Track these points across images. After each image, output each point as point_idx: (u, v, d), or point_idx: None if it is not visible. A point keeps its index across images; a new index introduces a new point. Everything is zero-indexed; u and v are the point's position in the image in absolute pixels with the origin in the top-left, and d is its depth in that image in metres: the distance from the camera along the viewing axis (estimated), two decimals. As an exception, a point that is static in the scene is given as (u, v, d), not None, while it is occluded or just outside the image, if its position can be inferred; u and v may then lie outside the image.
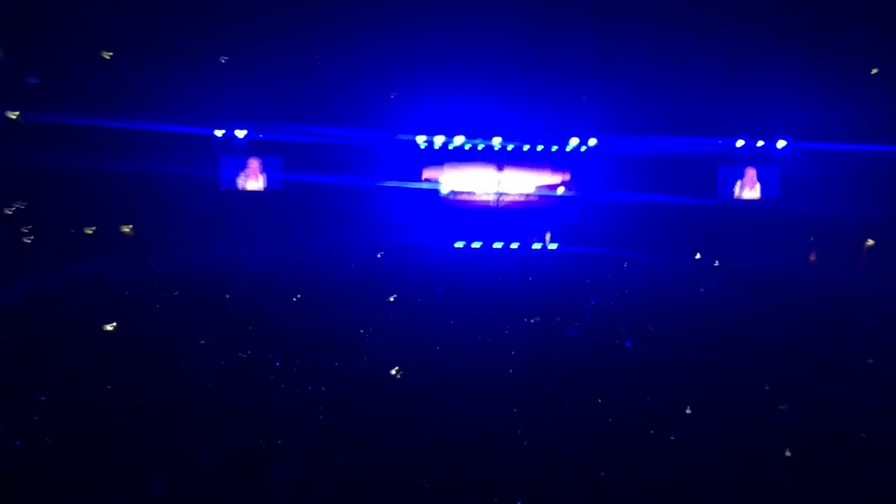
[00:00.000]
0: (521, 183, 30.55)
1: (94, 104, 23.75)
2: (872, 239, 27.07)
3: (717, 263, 24.32)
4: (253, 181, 28.35)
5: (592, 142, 28.68)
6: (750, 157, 28.42)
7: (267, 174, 28.42)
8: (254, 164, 28.29)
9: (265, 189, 28.34)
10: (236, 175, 28.27)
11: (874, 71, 23.25)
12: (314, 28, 22.02)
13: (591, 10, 21.50)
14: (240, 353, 13.04)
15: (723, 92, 25.02)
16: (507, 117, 27.62)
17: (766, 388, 11.48)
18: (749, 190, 28.48)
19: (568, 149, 29.64)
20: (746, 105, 25.97)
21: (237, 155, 28.38)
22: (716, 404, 10.54)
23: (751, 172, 28.48)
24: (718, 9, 20.59)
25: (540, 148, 29.70)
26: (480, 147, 29.48)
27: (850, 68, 23.13)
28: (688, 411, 10.21)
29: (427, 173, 30.27)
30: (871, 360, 13.20)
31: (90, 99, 23.80)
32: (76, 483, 8.06)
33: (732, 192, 28.60)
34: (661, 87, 25.04)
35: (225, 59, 24.03)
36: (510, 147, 29.63)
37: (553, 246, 29.13)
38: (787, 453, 8.85)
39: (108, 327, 14.52)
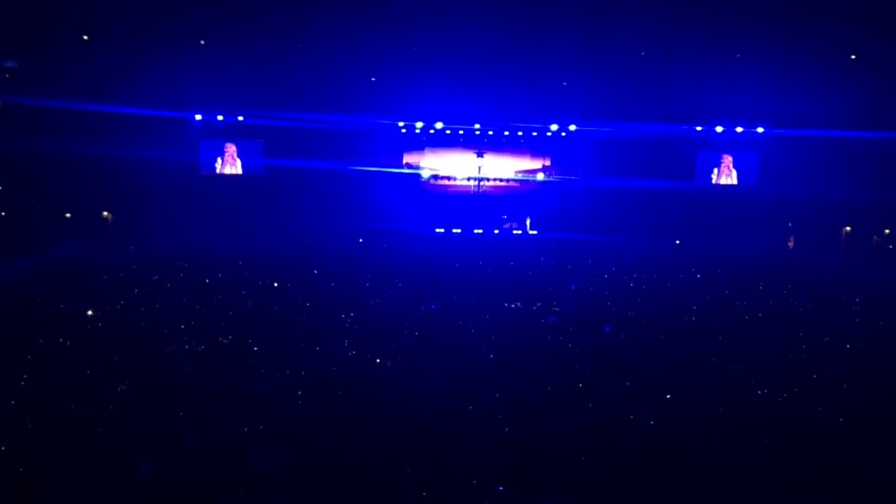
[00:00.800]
0: (501, 168, 30.62)
1: (71, 87, 23.59)
2: (850, 225, 27.35)
3: (678, 242, 24.55)
4: (230, 166, 28.30)
5: (572, 127, 28.79)
6: (729, 143, 28.64)
7: (247, 159, 28.38)
8: (231, 148, 28.22)
9: (244, 174, 28.31)
10: (215, 160, 28.23)
11: (853, 56, 23.37)
12: (295, 12, 21.86)
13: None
14: (220, 339, 13.01)
15: (702, 79, 25.15)
16: (488, 103, 27.62)
17: (742, 370, 11.57)
18: (726, 176, 28.70)
19: (548, 134, 29.72)
20: (725, 92, 26.12)
21: (217, 139, 28.32)
22: (696, 388, 10.61)
23: (728, 159, 28.71)
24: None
25: (520, 133, 29.75)
26: (461, 132, 29.51)
27: (827, 56, 23.25)
28: (668, 396, 10.27)
29: (408, 158, 30.28)
30: (848, 345, 13.34)
31: (68, 82, 23.64)
32: (58, 470, 8.03)
33: (710, 178, 28.84)
34: (641, 74, 25.14)
35: (204, 42, 23.83)
36: (490, 132, 29.67)
37: (534, 232, 29.21)
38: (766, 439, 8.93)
39: (88, 312, 14.45)
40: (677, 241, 25.68)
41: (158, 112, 25.46)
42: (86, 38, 23.01)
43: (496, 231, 29.40)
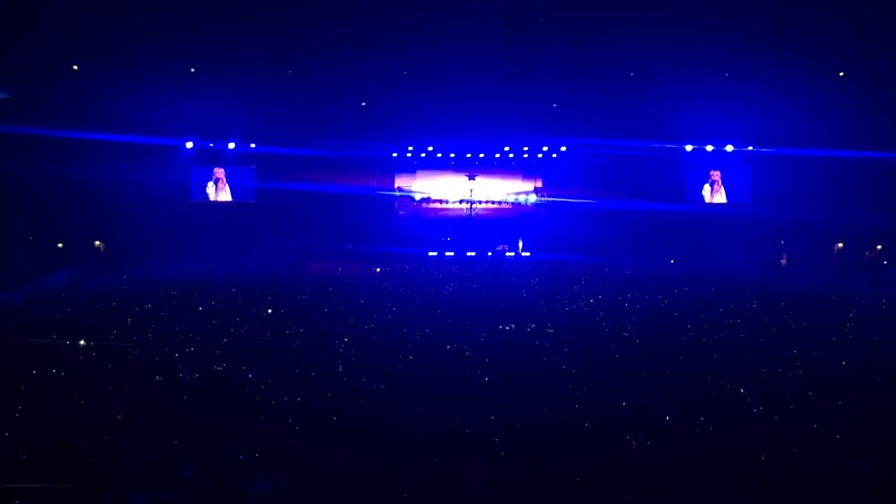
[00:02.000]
0: (492, 190, 30.73)
1: (61, 116, 23.61)
2: (842, 242, 27.45)
3: (672, 262, 24.63)
4: (222, 191, 28.32)
5: (563, 149, 28.91)
6: (719, 162, 28.76)
7: (239, 185, 28.41)
8: (219, 172, 28.23)
9: (235, 200, 28.32)
10: (205, 186, 28.24)
11: (841, 74, 23.55)
12: (286, 39, 22.00)
13: (563, 19, 21.64)
14: (215, 366, 12.99)
15: (692, 98, 25.28)
16: (478, 126, 27.72)
17: (742, 391, 11.59)
18: (716, 193, 28.82)
19: (539, 156, 29.85)
20: (715, 111, 26.26)
21: (208, 166, 28.36)
22: (692, 408, 10.62)
23: (716, 175, 28.84)
24: (689, 17, 20.82)
25: (511, 155, 29.88)
26: (452, 155, 29.62)
27: (815, 74, 23.42)
28: (666, 418, 10.27)
29: (399, 181, 30.37)
30: (843, 362, 13.37)
31: (58, 111, 23.66)
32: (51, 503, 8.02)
33: (702, 197, 28.94)
34: (631, 94, 25.29)
35: (193, 70, 23.93)
36: (481, 155, 29.77)
37: (526, 253, 29.26)
38: (763, 457, 8.94)
39: (81, 343, 14.41)
40: (672, 261, 25.73)
41: (149, 139, 25.49)
42: (76, 67, 23.09)
43: (489, 253, 29.43)
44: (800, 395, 11.32)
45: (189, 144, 27.84)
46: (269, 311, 18.30)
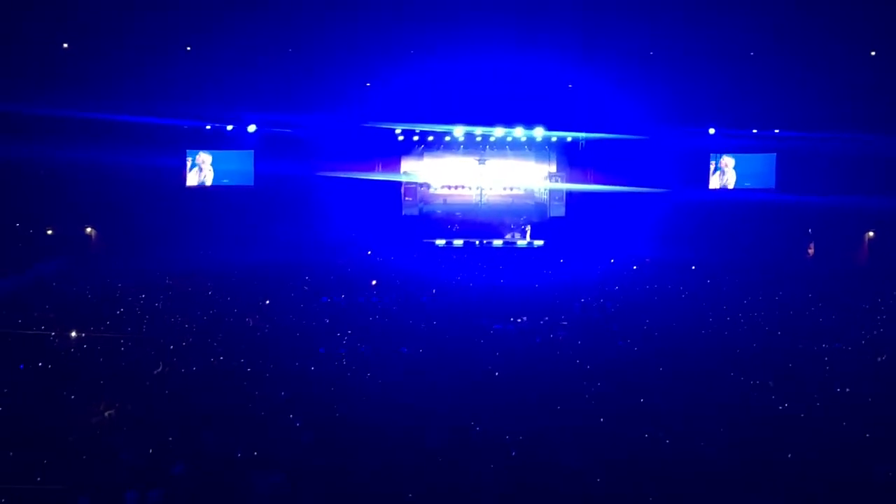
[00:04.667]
0: (504, 175, 30.58)
1: (48, 96, 23.49)
2: (873, 231, 27.26)
3: (693, 268, 24.38)
4: (205, 176, 28.17)
5: (580, 135, 28.73)
6: (742, 146, 28.50)
7: (237, 169, 28.27)
8: (204, 159, 28.10)
9: (234, 185, 28.20)
10: (190, 168, 28.09)
11: (872, 53, 23.33)
12: (286, 14, 21.92)
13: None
14: (211, 359, 13.02)
15: (714, 79, 25.06)
16: (490, 106, 27.51)
17: (764, 383, 11.57)
18: (725, 180, 28.58)
19: (553, 139, 29.66)
20: (738, 94, 26.02)
21: (205, 149, 28.22)
22: (715, 404, 10.60)
23: (727, 161, 28.57)
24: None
25: (523, 139, 29.68)
26: (461, 137, 29.44)
27: (845, 56, 23.20)
28: (686, 414, 10.25)
29: (406, 165, 30.22)
30: (880, 358, 13.34)
31: (45, 90, 23.52)
32: (42, 499, 8.05)
33: (719, 182, 28.71)
34: (650, 74, 25.08)
35: (189, 48, 23.85)
36: (492, 137, 29.58)
37: (539, 242, 29.12)
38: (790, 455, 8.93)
39: (71, 335, 14.46)
40: (693, 267, 25.33)
41: (142, 120, 25.36)
42: (66, 45, 23.05)
43: (500, 242, 29.31)
44: (828, 391, 11.29)
45: (186, 126, 27.71)
46: (268, 301, 18.32)
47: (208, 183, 27.97)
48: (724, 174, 28.65)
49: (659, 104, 26.15)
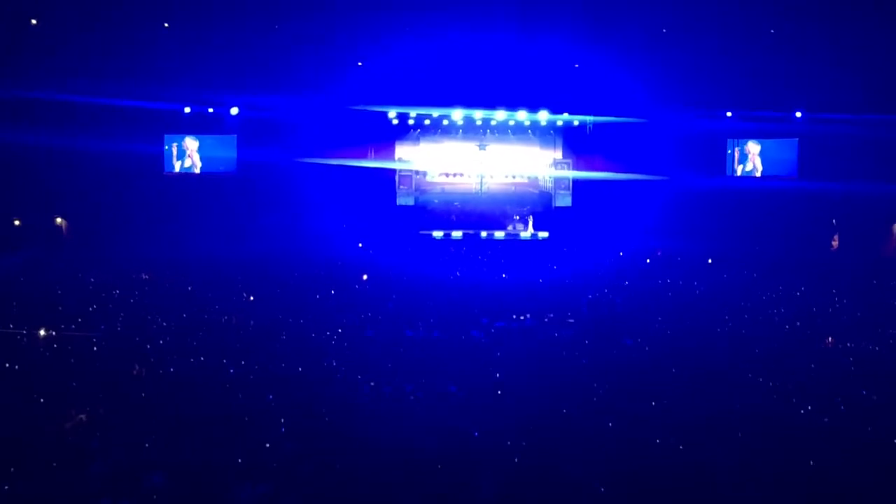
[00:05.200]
0: (506, 161, 30.58)
1: (17, 76, 23.46)
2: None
3: (710, 261, 24.36)
4: (190, 161, 28.18)
5: (587, 118, 28.70)
6: (763, 130, 28.46)
7: (219, 155, 28.26)
8: (190, 143, 28.09)
9: (217, 172, 28.18)
10: (177, 157, 28.10)
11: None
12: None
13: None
14: (191, 360, 13.01)
15: (732, 60, 25.02)
16: (491, 87, 27.48)
17: (783, 386, 11.57)
18: (749, 166, 28.55)
19: (559, 123, 29.65)
20: (757, 74, 25.97)
21: (184, 134, 28.20)
22: (731, 408, 10.59)
23: (752, 147, 28.53)
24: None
25: (527, 123, 29.65)
26: (460, 121, 29.41)
27: (872, 31, 23.13)
28: (700, 419, 10.24)
29: (400, 151, 30.21)
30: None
31: (13, 70, 23.49)
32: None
33: (742, 170, 28.68)
34: (663, 54, 25.03)
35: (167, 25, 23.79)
36: (493, 121, 29.54)
37: (543, 234, 29.14)
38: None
39: (40, 333, 14.44)
40: (709, 261, 25.27)
41: (117, 102, 25.30)
42: (34, 21, 22.99)
43: (502, 234, 29.30)
44: (854, 395, 11.28)
45: (165, 109, 27.70)
46: (252, 297, 18.32)
47: (197, 170, 27.98)
48: (750, 161, 28.59)
49: (672, 85, 26.16)
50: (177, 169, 28.06)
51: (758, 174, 28.44)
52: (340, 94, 27.05)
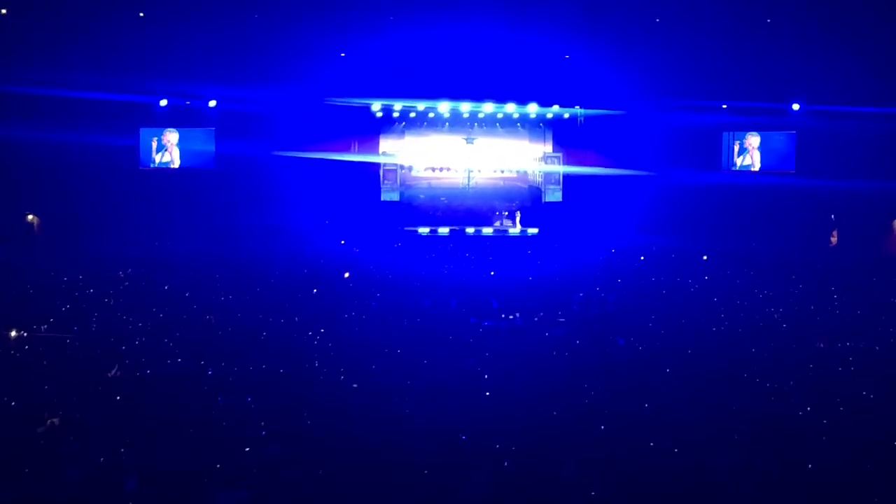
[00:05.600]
0: (494, 156, 30.56)
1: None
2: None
3: (705, 258, 24.40)
4: (169, 156, 28.04)
5: (577, 109, 28.68)
6: (759, 123, 28.48)
7: (196, 149, 28.13)
8: (170, 136, 27.94)
9: (194, 166, 28.05)
10: (156, 150, 27.96)
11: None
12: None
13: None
14: (168, 361, 12.99)
15: (726, 50, 25.04)
16: (479, 78, 27.43)
17: (780, 387, 11.61)
18: (748, 160, 28.55)
19: (549, 116, 29.64)
20: (754, 64, 25.99)
21: (161, 127, 28.06)
22: (726, 410, 10.63)
23: (752, 140, 28.53)
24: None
25: (516, 115, 29.65)
26: (446, 114, 29.37)
27: (874, 21, 23.17)
28: (695, 420, 10.26)
29: (385, 144, 30.16)
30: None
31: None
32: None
33: (732, 164, 28.69)
34: (656, 44, 25.03)
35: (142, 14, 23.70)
36: (481, 114, 29.52)
37: (533, 230, 29.14)
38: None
39: (11, 334, 14.39)
40: (704, 257, 25.33)
41: (89, 95, 25.17)
42: (3, 11, 22.88)
43: (490, 230, 29.31)
44: (854, 396, 11.33)
45: (140, 101, 27.57)
46: (231, 297, 18.30)
47: (175, 165, 27.86)
48: (749, 155, 28.59)
49: (666, 76, 26.16)
50: (155, 163, 27.93)
51: (755, 168, 28.46)
52: (323, 86, 26.98)
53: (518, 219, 29.51)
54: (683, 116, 27.38)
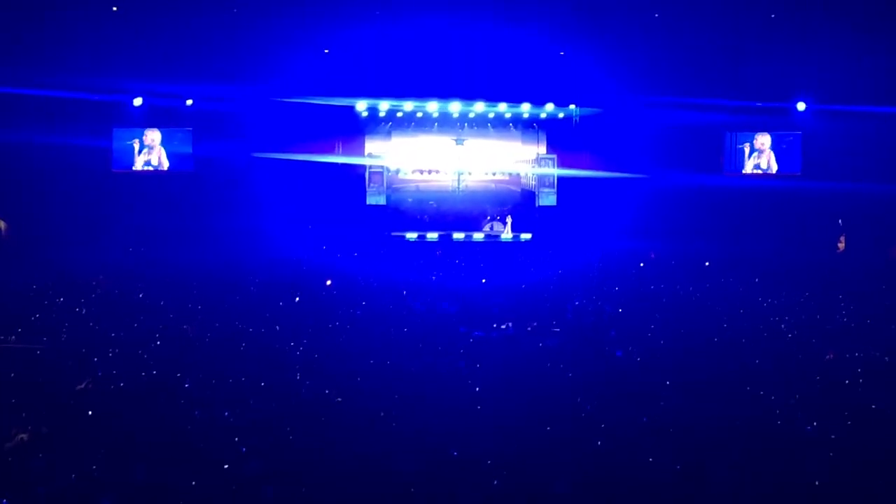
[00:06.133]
0: (485, 157, 30.58)
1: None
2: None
3: (707, 264, 24.44)
4: (153, 158, 27.98)
5: (572, 108, 28.71)
6: (764, 123, 28.54)
7: (173, 151, 28.08)
8: (153, 136, 27.87)
9: (169, 169, 28.01)
10: (132, 152, 27.88)
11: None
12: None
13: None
14: (143, 374, 12.96)
15: (731, 47, 25.09)
16: (469, 76, 27.44)
17: (787, 400, 11.63)
18: (762, 162, 28.60)
19: (543, 116, 29.69)
20: (759, 61, 26.05)
21: (135, 127, 28.00)
22: (729, 423, 10.64)
23: (764, 140, 28.54)
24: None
25: (508, 115, 29.68)
26: (435, 114, 29.39)
27: (881, 17, 23.24)
28: (696, 434, 10.28)
29: (370, 146, 30.16)
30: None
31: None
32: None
33: (742, 166, 28.76)
34: (655, 40, 25.07)
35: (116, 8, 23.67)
36: (472, 114, 29.54)
37: (526, 236, 29.18)
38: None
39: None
40: (706, 264, 25.38)
41: (59, 94, 25.13)
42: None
43: (481, 235, 29.34)
44: (863, 409, 11.35)
45: (110, 99, 27.52)
46: (209, 305, 18.29)
47: (164, 166, 27.81)
48: (762, 156, 28.58)
49: (665, 74, 26.20)
50: (139, 165, 27.86)
51: (772, 171, 28.49)
52: (306, 84, 26.96)
53: (510, 223, 29.54)
54: (683, 116, 27.39)
